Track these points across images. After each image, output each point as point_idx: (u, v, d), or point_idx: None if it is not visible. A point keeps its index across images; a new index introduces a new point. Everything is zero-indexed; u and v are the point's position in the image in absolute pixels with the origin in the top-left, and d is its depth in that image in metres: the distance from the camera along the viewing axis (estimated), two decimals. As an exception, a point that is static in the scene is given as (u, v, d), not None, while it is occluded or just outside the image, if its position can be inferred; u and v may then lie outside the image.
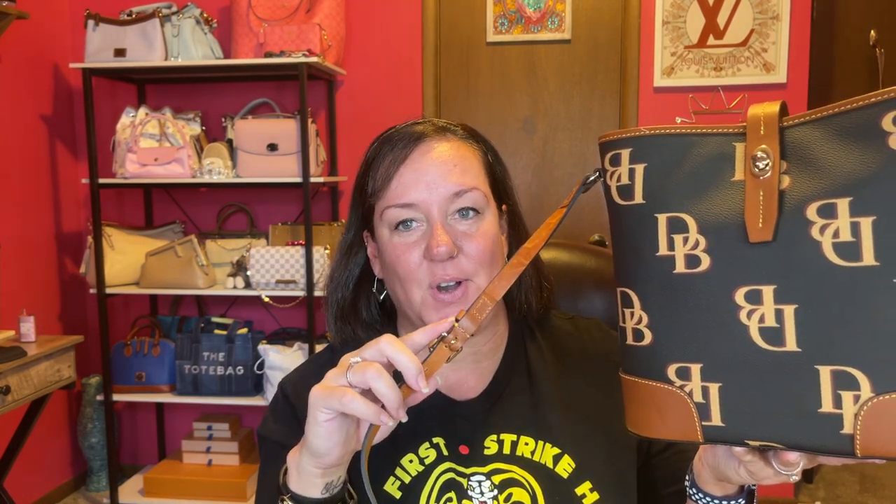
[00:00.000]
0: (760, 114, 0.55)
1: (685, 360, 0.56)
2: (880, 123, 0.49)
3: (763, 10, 2.74)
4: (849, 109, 0.51)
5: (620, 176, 0.59)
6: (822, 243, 0.50)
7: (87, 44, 2.67)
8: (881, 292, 0.49)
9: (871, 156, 0.49)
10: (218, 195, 3.05)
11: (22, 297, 2.79)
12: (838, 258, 0.50)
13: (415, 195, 0.76)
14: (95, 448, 3.04)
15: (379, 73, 2.95)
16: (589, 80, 2.93)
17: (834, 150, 0.51)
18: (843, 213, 0.50)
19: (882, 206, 0.49)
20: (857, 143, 0.50)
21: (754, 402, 0.53)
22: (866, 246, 0.49)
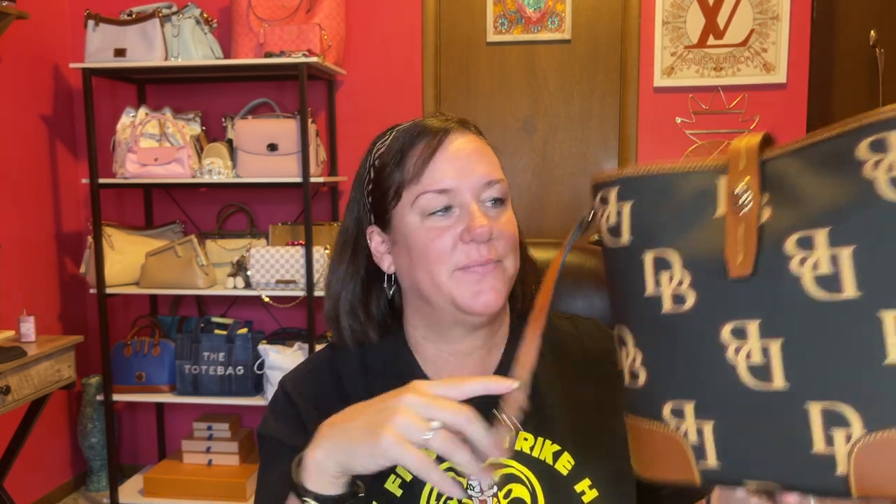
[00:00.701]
0: (742, 147, 0.55)
1: (679, 397, 0.55)
2: (855, 152, 0.48)
3: (763, 10, 2.74)
4: (825, 139, 0.50)
5: (609, 215, 0.59)
6: (801, 277, 0.49)
7: (87, 44, 2.67)
8: (865, 324, 0.47)
9: (848, 185, 0.48)
10: (218, 195, 3.05)
11: (22, 297, 2.79)
12: (819, 291, 0.49)
13: (451, 181, 0.79)
14: (95, 448, 3.04)
15: (379, 73, 2.95)
16: (589, 80, 2.93)
17: (812, 181, 0.51)
18: (822, 244, 0.49)
19: (860, 236, 0.48)
20: (833, 172, 0.49)
21: (747, 442, 0.52)
22: (846, 277, 0.48)
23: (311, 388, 0.85)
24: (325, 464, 0.63)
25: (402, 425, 0.58)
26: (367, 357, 0.86)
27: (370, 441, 0.59)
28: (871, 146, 0.47)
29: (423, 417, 0.58)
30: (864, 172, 0.47)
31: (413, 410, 0.58)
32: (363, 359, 0.86)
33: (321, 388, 0.84)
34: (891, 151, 0.46)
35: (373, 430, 0.59)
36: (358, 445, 0.60)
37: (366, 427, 0.60)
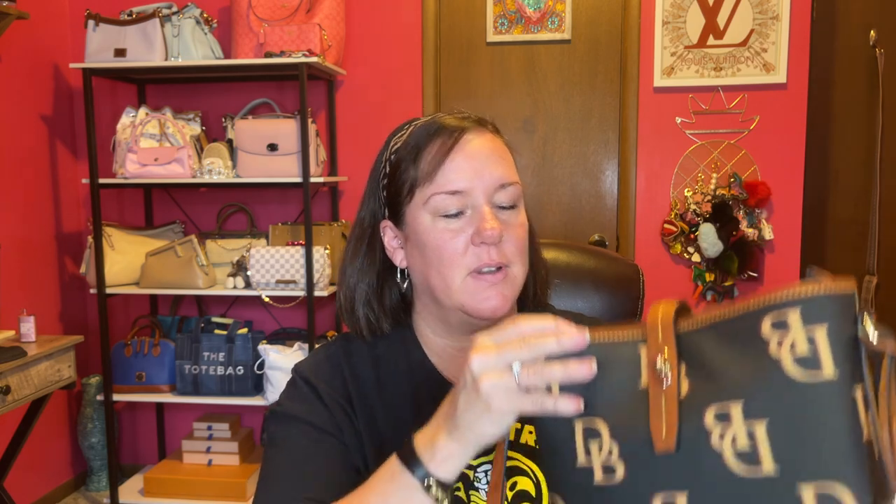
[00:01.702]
0: (658, 319, 0.57)
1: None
2: (760, 331, 0.51)
3: (763, 10, 2.74)
4: (735, 316, 0.52)
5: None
6: (723, 453, 0.51)
7: (88, 44, 2.67)
8: (785, 500, 0.48)
9: (757, 361, 0.50)
10: (218, 195, 3.05)
11: (22, 297, 2.79)
12: (740, 467, 0.50)
13: (463, 183, 0.78)
14: (95, 448, 3.05)
15: (379, 73, 2.95)
16: (589, 80, 2.93)
17: (725, 355, 0.52)
18: (737, 418, 0.50)
19: (771, 411, 0.49)
20: (744, 348, 0.51)
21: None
22: (763, 452, 0.49)
23: (328, 372, 0.85)
24: (450, 449, 0.62)
25: (493, 387, 0.58)
26: (378, 347, 0.87)
27: (485, 413, 0.59)
28: (774, 325, 0.50)
29: (501, 369, 0.58)
30: (770, 351, 0.50)
31: (489, 370, 0.58)
32: (374, 349, 0.87)
33: (337, 372, 0.85)
34: (791, 330, 0.49)
35: (478, 404, 0.59)
36: (481, 422, 0.59)
37: (470, 406, 0.60)
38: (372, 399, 0.83)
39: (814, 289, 0.49)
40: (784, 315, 0.50)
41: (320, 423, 0.81)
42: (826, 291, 0.49)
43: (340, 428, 0.81)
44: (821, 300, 0.49)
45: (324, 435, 0.80)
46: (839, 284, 0.50)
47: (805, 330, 0.49)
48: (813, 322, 0.49)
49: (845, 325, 0.49)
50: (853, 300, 0.50)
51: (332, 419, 0.81)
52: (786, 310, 0.50)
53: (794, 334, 0.49)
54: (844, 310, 0.49)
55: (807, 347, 0.49)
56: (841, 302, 0.49)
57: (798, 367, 0.49)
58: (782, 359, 0.49)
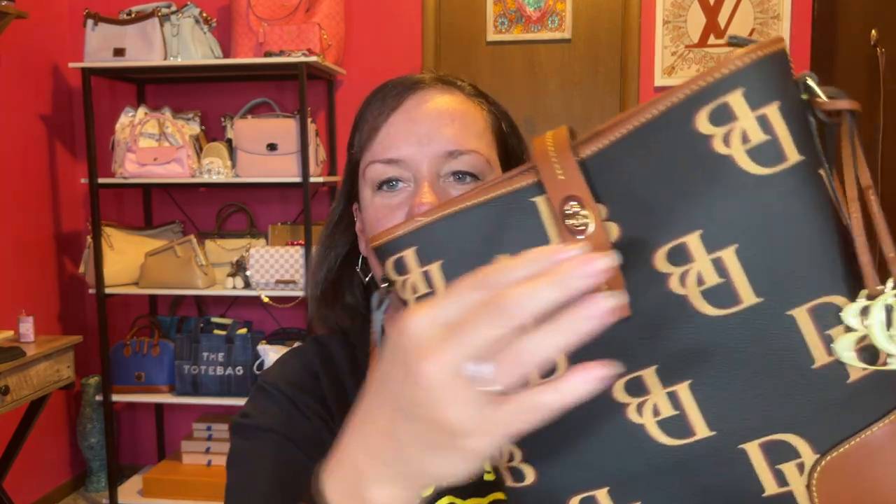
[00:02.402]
0: (548, 146, 0.42)
1: (586, 488, 0.44)
2: (695, 128, 0.39)
3: (764, 9, 2.73)
4: (651, 119, 0.40)
5: (416, 285, 0.46)
6: (687, 297, 0.40)
7: (87, 43, 2.67)
8: (779, 333, 0.39)
9: (701, 170, 0.39)
10: (217, 195, 3.04)
11: (21, 297, 2.79)
12: (713, 308, 0.40)
13: (403, 150, 0.64)
14: (95, 448, 3.04)
15: (379, 73, 2.93)
16: (589, 80, 2.92)
17: (655, 174, 0.40)
18: (698, 251, 0.39)
19: (739, 229, 0.39)
20: (678, 158, 0.40)
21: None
22: (740, 283, 0.39)
23: (303, 379, 0.72)
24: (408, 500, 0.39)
25: (450, 403, 0.33)
26: (353, 347, 0.74)
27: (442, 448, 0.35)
28: (713, 118, 0.39)
29: (454, 367, 0.33)
30: (714, 148, 0.39)
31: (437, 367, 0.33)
32: (350, 349, 0.74)
33: (313, 380, 0.72)
34: (738, 117, 0.38)
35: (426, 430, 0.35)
36: (435, 461, 0.36)
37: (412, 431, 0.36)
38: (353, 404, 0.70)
39: (748, 57, 0.38)
40: (723, 101, 0.38)
41: (299, 436, 0.66)
42: (763, 54, 0.38)
43: (322, 441, 0.65)
44: (762, 69, 0.38)
45: (302, 449, 0.65)
46: (768, 43, 0.39)
47: (754, 114, 0.38)
48: (761, 101, 0.38)
49: (793, 94, 0.39)
50: (788, 58, 0.40)
51: (313, 431, 0.67)
52: (724, 95, 0.38)
53: (743, 122, 0.38)
54: (787, 74, 0.40)
55: (761, 133, 0.38)
56: (781, 64, 0.39)
57: (756, 160, 0.38)
58: (734, 155, 0.38)
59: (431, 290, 0.45)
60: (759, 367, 0.40)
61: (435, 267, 0.45)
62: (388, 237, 0.46)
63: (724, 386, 0.41)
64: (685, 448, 0.42)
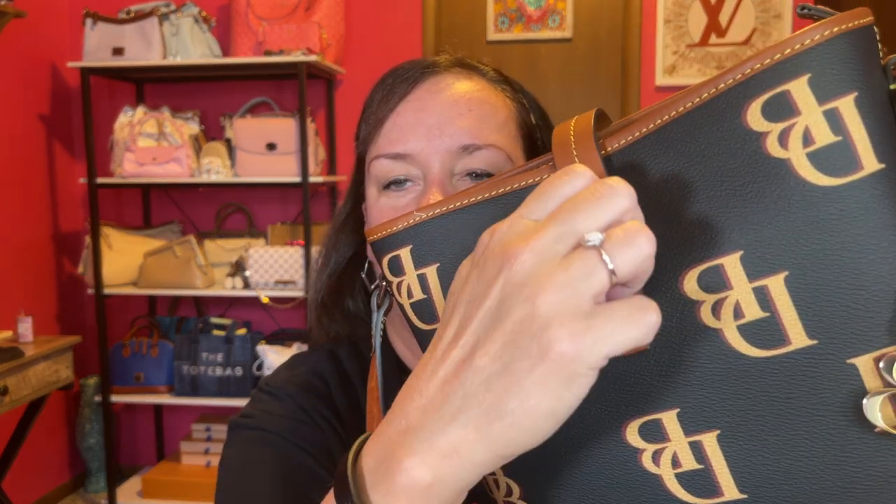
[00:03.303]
0: (570, 133, 0.36)
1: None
2: (744, 123, 0.32)
3: (765, 8, 2.72)
4: (692, 108, 0.33)
5: (410, 289, 0.41)
6: (721, 331, 0.33)
7: (86, 42, 2.66)
8: (836, 385, 0.32)
9: (748, 176, 0.32)
10: (216, 195, 3.04)
11: (20, 297, 2.78)
12: (753, 348, 0.32)
13: (411, 144, 0.56)
14: (94, 449, 3.03)
15: (378, 72, 2.89)
16: (590, 79, 2.91)
17: (692, 177, 0.33)
18: (738, 276, 0.32)
19: (791, 252, 0.31)
20: (721, 159, 0.32)
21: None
22: (788, 319, 0.32)
23: (314, 385, 0.65)
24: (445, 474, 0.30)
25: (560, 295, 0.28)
26: (360, 355, 0.68)
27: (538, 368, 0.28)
28: (766, 110, 0.31)
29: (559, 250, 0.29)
30: (768, 150, 0.31)
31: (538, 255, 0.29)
32: (359, 358, 0.68)
33: (323, 387, 0.65)
34: (800, 112, 0.31)
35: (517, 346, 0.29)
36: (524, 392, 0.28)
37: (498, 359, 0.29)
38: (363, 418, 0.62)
39: (818, 33, 0.30)
40: (781, 90, 0.31)
41: (307, 443, 0.59)
42: (840, 30, 0.30)
43: (332, 451, 0.59)
44: (836, 50, 0.30)
45: (311, 456, 0.58)
46: (852, 15, 0.31)
47: (822, 107, 0.30)
48: (833, 92, 0.30)
49: (877, 83, 0.31)
50: (875, 37, 0.32)
51: (322, 439, 0.60)
52: (783, 82, 0.31)
53: (806, 117, 0.30)
54: (871, 57, 0.31)
55: (830, 133, 0.30)
56: (864, 44, 0.31)
57: (820, 167, 0.30)
58: (792, 159, 0.31)
59: (427, 295, 0.40)
60: (806, 424, 0.33)
61: (431, 270, 0.40)
62: (384, 232, 0.42)
63: (760, 441, 0.34)
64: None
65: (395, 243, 0.41)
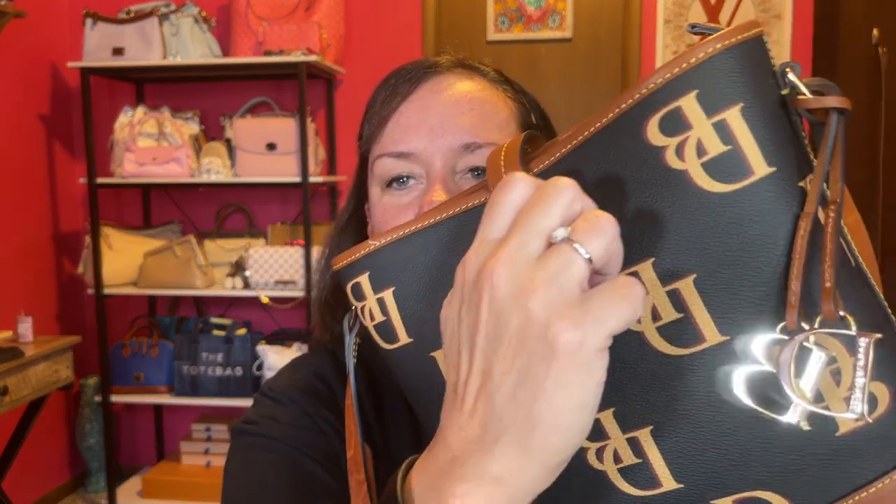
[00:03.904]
0: (499, 159, 0.39)
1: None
2: (645, 137, 0.34)
3: (765, 9, 2.72)
4: (600, 128, 0.36)
5: (372, 312, 0.43)
6: (643, 333, 0.35)
7: (86, 42, 2.66)
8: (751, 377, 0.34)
9: (653, 188, 0.34)
10: (216, 195, 3.04)
11: (20, 297, 2.78)
12: (672, 347, 0.34)
13: (413, 143, 0.58)
14: (94, 449, 3.03)
15: (378, 72, 2.90)
16: (590, 79, 2.91)
17: (607, 192, 0.35)
18: (651, 282, 0.34)
19: (696, 256, 0.33)
20: (629, 173, 0.35)
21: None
22: (701, 318, 0.34)
23: (317, 390, 0.64)
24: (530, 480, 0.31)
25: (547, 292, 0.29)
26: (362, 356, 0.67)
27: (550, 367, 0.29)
28: (664, 126, 0.33)
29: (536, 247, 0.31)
30: (668, 162, 0.33)
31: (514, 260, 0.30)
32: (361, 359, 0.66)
33: (327, 391, 0.64)
34: (692, 126, 0.33)
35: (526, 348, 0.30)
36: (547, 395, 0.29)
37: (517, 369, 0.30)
38: (370, 423, 0.63)
39: (704, 52, 0.32)
40: (674, 106, 0.33)
41: (312, 450, 0.58)
42: (723, 47, 0.32)
43: (337, 457, 0.59)
44: (720, 65, 0.32)
45: (318, 464, 0.58)
46: (738, 30, 0.33)
47: (711, 120, 0.32)
48: (720, 105, 0.32)
49: (766, 91, 0.33)
50: (764, 47, 0.34)
51: (327, 445, 0.59)
52: (675, 99, 0.33)
53: (698, 130, 0.32)
54: (758, 68, 0.33)
55: (720, 144, 0.32)
56: (750, 56, 0.33)
57: (714, 176, 0.33)
58: (689, 170, 0.33)
59: (386, 317, 0.42)
60: (727, 415, 0.34)
61: (388, 294, 0.42)
62: (344, 262, 0.44)
63: (688, 433, 0.35)
64: (651, 500, 0.37)
65: (355, 271, 0.44)
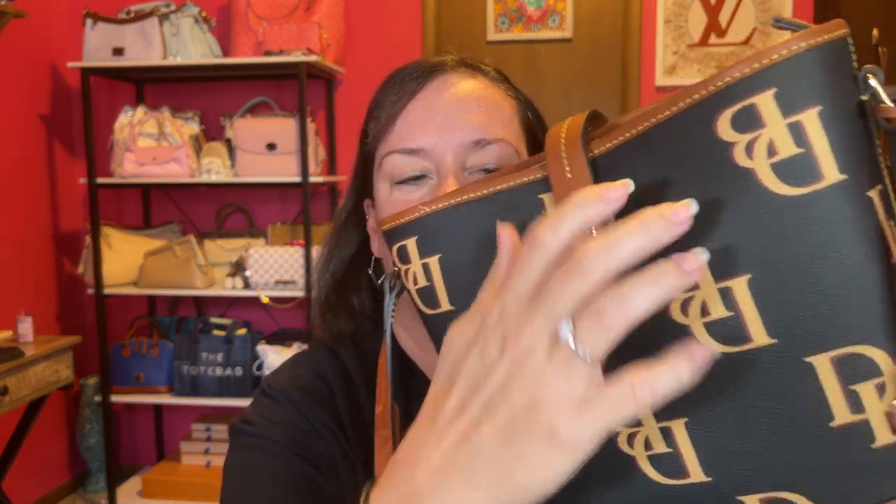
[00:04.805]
0: (560, 137, 0.38)
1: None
2: (715, 133, 0.33)
3: (765, 8, 2.72)
4: (670, 116, 0.35)
5: (416, 276, 0.43)
6: (689, 327, 0.35)
7: (86, 43, 2.66)
8: (794, 382, 0.34)
9: (718, 183, 0.33)
10: (216, 195, 3.04)
11: (20, 297, 2.78)
12: (718, 344, 0.34)
13: (424, 139, 0.58)
14: (94, 449, 3.03)
15: (378, 72, 2.91)
16: (590, 79, 2.92)
17: (669, 182, 0.35)
18: (704, 277, 0.34)
19: (754, 257, 0.33)
20: (694, 165, 0.34)
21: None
22: (751, 318, 0.33)
23: (316, 388, 0.64)
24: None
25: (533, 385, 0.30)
26: (362, 355, 0.67)
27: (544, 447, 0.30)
28: (736, 121, 0.33)
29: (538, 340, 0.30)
30: (735, 159, 0.33)
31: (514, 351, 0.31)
32: (363, 357, 0.67)
33: (326, 390, 0.64)
34: (766, 124, 0.32)
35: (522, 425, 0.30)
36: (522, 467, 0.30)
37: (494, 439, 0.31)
38: (369, 422, 0.62)
39: (787, 50, 0.31)
40: (749, 103, 0.32)
41: (310, 454, 0.59)
42: (807, 46, 0.31)
43: (335, 462, 0.60)
44: (802, 65, 0.32)
45: (316, 469, 0.58)
46: (823, 29, 0.32)
47: (786, 121, 0.32)
48: (797, 106, 0.32)
49: (845, 95, 0.32)
50: (847, 49, 0.33)
51: (324, 449, 0.60)
52: (751, 95, 0.32)
53: (771, 130, 0.32)
54: (840, 71, 0.32)
55: (793, 146, 0.32)
56: (833, 58, 0.32)
57: (782, 178, 0.32)
58: (756, 169, 0.32)
59: (430, 283, 0.43)
60: (766, 416, 0.35)
61: (433, 260, 0.42)
62: (394, 223, 0.44)
63: (724, 430, 0.36)
64: (678, 489, 0.38)
65: (403, 233, 0.44)
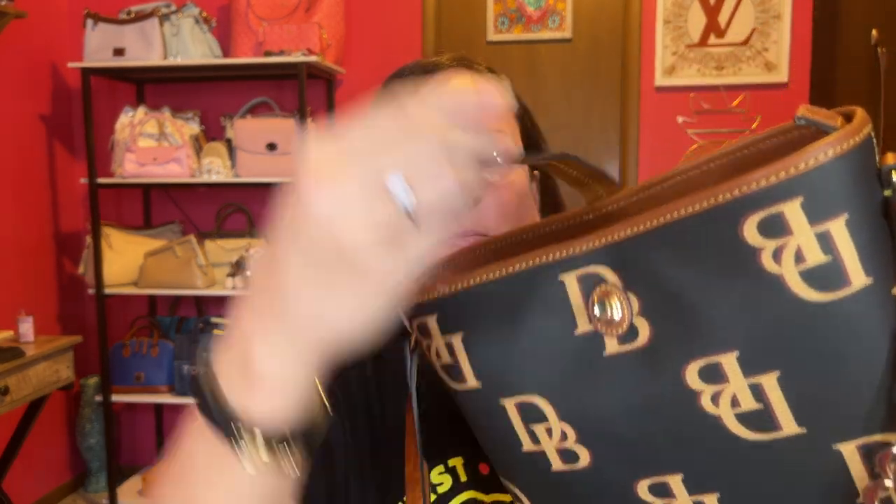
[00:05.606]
0: None
1: None
2: (742, 237, 0.33)
3: (765, 9, 2.73)
4: (694, 213, 0.34)
5: (439, 352, 0.42)
6: (720, 417, 0.36)
7: (86, 43, 2.66)
8: (822, 467, 0.35)
9: (745, 285, 0.34)
10: (217, 195, 3.04)
11: (20, 297, 2.78)
12: (748, 432, 0.36)
13: None
14: (94, 449, 3.03)
15: (378, 73, 2.92)
16: (590, 80, 2.92)
17: (692, 276, 0.35)
18: (734, 373, 0.35)
19: (783, 356, 0.34)
20: (720, 265, 0.34)
21: None
22: (780, 410, 0.35)
23: None
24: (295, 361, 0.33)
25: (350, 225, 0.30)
26: None
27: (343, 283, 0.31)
28: (763, 228, 0.32)
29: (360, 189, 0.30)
30: (763, 264, 0.33)
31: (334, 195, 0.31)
32: None
33: None
34: (793, 233, 0.32)
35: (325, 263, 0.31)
36: (328, 302, 0.31)
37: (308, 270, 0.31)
38: (375, 409, 0.64)
39: (814, 160, 0.31)
40: (776, 211, 0.32)
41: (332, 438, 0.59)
42: (834, 154, 0.31)
43: (346, 443, 0.61)
44: (829, 175, 0.31)
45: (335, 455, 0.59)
46: (850, 132, 0.32)
47: (814, 229, 0.32)
48: (825, 215, 0.32)
49: (870, 196, 0.32)
50: (872, 148, 0.33)
51: (344, 431, 0.61)
52: (778, 203, 0.32)
53: (798, 237, 0.32)
54: (865, 174, 0.32)
55: (820, 254, 0.32)
56: (858, 162, 0.32)
57: (811, 284, 0.32)
58: (785, 275, 0.33)
59: (454, 361, 0.41)
60: (795, 499, 0.36)
61: (457, 339, 0.41)
62: (415, 300, 0.43)
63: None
64: None
65: (421, 312, 0.42)
